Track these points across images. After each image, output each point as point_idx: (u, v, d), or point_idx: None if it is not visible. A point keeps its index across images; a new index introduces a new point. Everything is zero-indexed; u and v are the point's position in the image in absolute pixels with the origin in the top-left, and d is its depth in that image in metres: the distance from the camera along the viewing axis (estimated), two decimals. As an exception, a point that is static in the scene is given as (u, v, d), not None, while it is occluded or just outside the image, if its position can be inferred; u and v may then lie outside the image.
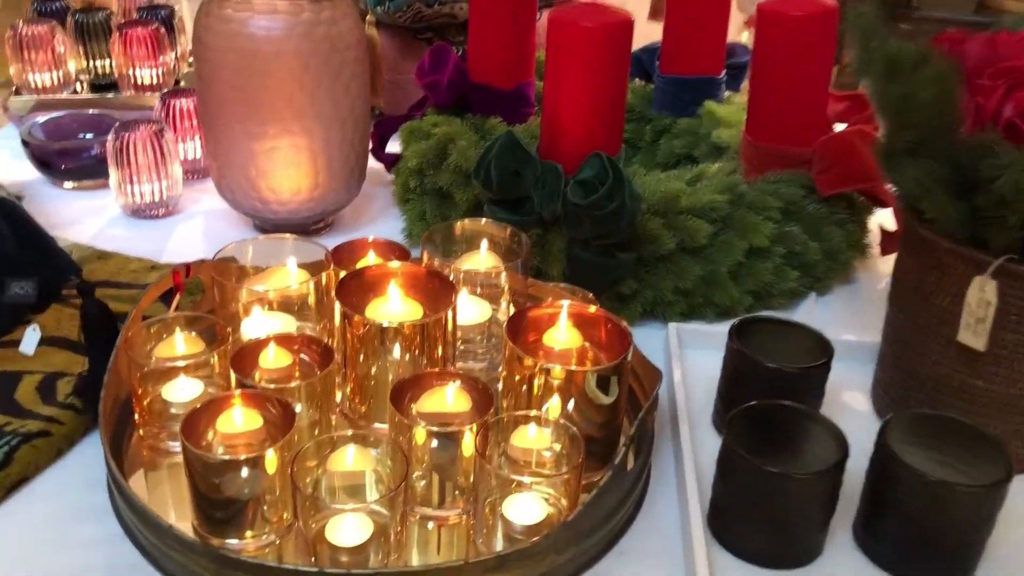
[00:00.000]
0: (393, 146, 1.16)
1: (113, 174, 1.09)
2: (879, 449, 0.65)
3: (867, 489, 0.67)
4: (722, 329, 0.87)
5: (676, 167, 1.11)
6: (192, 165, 1.21)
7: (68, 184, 1.18)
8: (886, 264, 1.05)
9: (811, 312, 0.94)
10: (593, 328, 0.74)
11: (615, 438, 0.73)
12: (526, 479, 0.66)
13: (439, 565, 0.58)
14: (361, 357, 0.72)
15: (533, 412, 0.68)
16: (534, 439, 0.67)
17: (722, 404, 0.78)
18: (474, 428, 0.65)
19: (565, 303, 0.74)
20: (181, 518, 0.67)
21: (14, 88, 1.37)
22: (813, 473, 0.62)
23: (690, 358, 0.86)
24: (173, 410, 0.73)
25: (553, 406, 0.69)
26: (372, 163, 1.12)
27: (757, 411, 0.68)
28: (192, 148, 1.20)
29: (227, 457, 0.64)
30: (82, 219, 1.11)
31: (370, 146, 1.11)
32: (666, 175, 1.00)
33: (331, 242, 0.84)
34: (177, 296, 0.82)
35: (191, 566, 0.60)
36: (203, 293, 0.86)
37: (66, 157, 1.16)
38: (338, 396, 0.75)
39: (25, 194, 1.14)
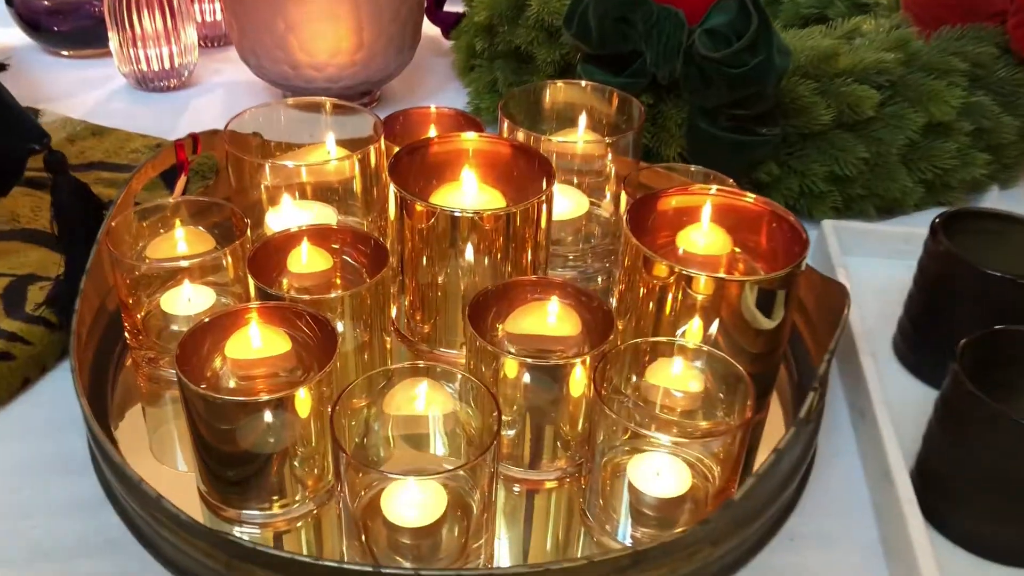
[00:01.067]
0: (452, 6, 0.95)
1: (112, 36, 0.89)
2: None
3: None
4: (892, 229, 0.67)
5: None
6: (212, 30, 1.02)
7: (65, 52, 0.99)
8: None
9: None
10: (747, 228, 0.53)
11: (771, 378, 0.53)
12: (663, 437, 0.46)
13: (551, 566, 0.39)
14: (424, 260, 0.53)
15: (680, 341, 0.48)
16: (678, 378, 0.47)
17: (913, 329, 0.58)
18: (587, 360, 0.46)
19: (711, 188, 0.53)
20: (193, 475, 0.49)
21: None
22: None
23: (851, 267, 0.66)
24: (175, 327, 0.56)
25: (692, 331, 0.50)
26: (426, 29, 0.91)
27: (994, 340, 0.47)
28: (211, 10, 1.01)
29: (241, 398, 0.45)
30: (79, 91, 0.93)
31: (424, 5, 0.90)
32: (807, 31, 0.78)
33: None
34: (182, 177, 0.62)
35: (187, 550, 0.42)
36: (216, 175, 0.67)
37: (58, 17, 0.97)
38: (393, 311, 0.56)
39: (10, 61, 0.95)
